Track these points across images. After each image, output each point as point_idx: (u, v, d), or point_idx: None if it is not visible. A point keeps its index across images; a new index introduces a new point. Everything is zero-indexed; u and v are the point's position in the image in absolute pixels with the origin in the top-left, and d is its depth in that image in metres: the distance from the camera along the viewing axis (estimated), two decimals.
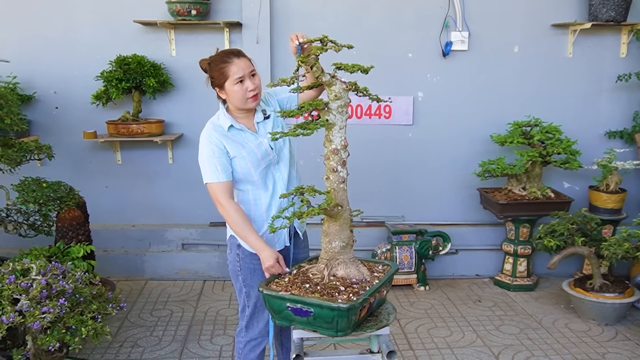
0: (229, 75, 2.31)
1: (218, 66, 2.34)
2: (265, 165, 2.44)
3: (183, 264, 4.62)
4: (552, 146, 4.20)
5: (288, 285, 2.14)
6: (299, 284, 2.13)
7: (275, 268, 2.28)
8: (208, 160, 2.37)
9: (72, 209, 3.52)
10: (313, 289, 2.08)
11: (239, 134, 2.41)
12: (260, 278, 2.45)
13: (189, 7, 4.17)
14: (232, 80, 2.31)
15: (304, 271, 2.27)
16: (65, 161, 4.54)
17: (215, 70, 2.35)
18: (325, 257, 2.22)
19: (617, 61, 4.63)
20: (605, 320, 3.82)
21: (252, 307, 2.56)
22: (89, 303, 2.68)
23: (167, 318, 3.92)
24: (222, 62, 2.33)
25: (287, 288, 2.11)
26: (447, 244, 4.40)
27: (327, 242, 2.21)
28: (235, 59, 2.32)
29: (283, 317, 2.08)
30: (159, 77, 4.28)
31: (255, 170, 2.41)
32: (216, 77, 2.35)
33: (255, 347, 2.61)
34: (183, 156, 4.65)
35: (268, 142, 2.43)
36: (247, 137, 2.42)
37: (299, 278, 2.19)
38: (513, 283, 4.44)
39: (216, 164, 2.36)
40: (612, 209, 4.31)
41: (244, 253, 2.51)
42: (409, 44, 4.54)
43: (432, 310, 4.08)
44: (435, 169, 4.73)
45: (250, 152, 2.40)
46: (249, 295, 2.55)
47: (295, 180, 2.57)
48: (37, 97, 4.48)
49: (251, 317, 2.58)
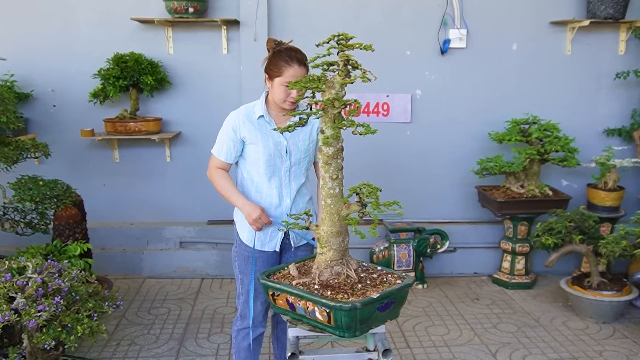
0: (282, 74, 2.40)
1: (279, 61, 2.41)
2: (275, 164, 2.51)
3: (181, 262, 4.62)
4: (550, 144, 4.20)
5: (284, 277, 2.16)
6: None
7: (263, 218, 2.45)
8: (222, 136, 2.55)
9: (69, 207, 3.52)
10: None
11: (266, 125, 2.51)
12: (252, 266, 2.56)
13: (186, 5, 4.16)
14: (282, 81, 2.40)
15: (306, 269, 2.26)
16: (63, 159, 4.53)
17: (274, 62, 2.43)
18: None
19: (615, 59, 4.62)
20: (603, 318, 3.82)
21: (245, 294, 2.64)
22: (85, 301, 2.68)
23: (165, 316, 3.92)
24: (283, 60, 2.40)
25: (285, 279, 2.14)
26: (445, 242, 4.40)
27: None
28: (297, 66, 2.40)
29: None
30: (157, 75, 4.27)
31: (264, 165, 2.50)
32: (272, 68, 2.44)
33: (248, 336, 2.66)
34: (181, 154, 4.64)
35: (286, 146, 2.51)
36: (271, 132, 2.50)
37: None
38: (511, 281, 4.44)
39: (225, 143, 2.53)
40: (610, 206, 4.30)
41: (240, 240, 2.63)
42: (407, 41, 4.53)
43: (429, 308, 4.08)
44: (433, 166, 4.72)
45: (266, 145, 2.49)
46: (243, 283, 2.65)
47: (306, 195, 2.65)
48: (34, 95, 4.47)
49: (244, 305, 2.65)
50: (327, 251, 2.10)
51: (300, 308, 2.00)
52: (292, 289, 2.01)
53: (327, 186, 2.07)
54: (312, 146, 2.60)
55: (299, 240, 2.65)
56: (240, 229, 2.63)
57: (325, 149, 2.04)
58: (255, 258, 2.57)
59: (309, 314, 1.98)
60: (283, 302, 2.06)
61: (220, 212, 4.56)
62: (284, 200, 2.57)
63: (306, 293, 1.96)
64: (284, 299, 2.05)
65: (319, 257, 2.13)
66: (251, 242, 2.57)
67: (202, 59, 4.48)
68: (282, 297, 2.05)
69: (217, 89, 4.52)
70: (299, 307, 2.00)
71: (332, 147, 2.04)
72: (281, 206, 2.57)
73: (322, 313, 1.92)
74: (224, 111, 2.70)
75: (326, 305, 1.89)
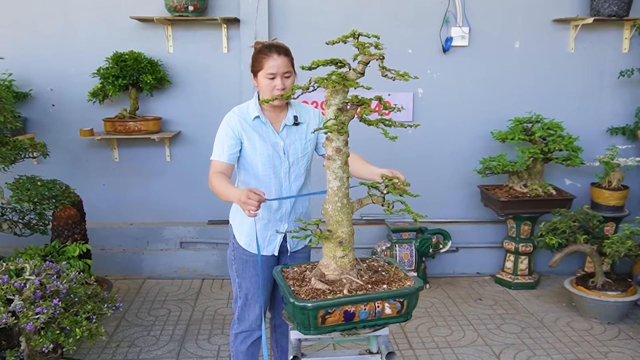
0: (263, 66, 2.37)
1: (259, 55, 2.40)
2: (274, 166, 2.45)
3: (181, 262, 4.58)
4: (554, 143, 4.16)
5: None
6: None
7: (252, 197, 2.12)
8: (220, 139, 2.45)
9: (68, 207, 3.48)
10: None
11: (262, 126, 2.46)
12: (252, 270, 2.53)
13: (186, 3, 4.12)
14: (265, 73, 2.37)
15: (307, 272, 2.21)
16: (62, 159, 4.50)
17: (255, 58, 2.42)
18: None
19: (619, 57, 4.57)
20: (607, 318, 3.78)
21: (243, 298, 2.59)
22: (84, 303, 2.64)
23: (165, 317, 3.88)
24: (262, 53, 2.39)
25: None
26: (448, 241, 4.36)
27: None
28: (276, 55, 2.37)
29: None
30: (156, 74, 4.24)
31: (262, 166, 2.44)
32: (254, 64, 2.42)
33: (246, 339, 2.62)
34: (181, 154, 4.60)
35: (283, 147, 2.47)
36: (267, 132, 2.46)
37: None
38: (514, 281, 4.40)
39: (225, 143, 2.43)
40: (615, 206, 4.26)
41: (237, 244, 2.57)
42: (408, 39, 4.48)
43: (432, 309, 4.05)
44: (435, 166, 4.68)
45: (264, 146, 2.43)
46: (241, 287, 2.59)
47: (306, 199, 2.60)
48: (33, 95, 4.44)
49: (242, 308, 2.61)
50: (349, 252, 2.07)
51: (364, 313, 1.90)
52: (355, 298, 1.89)
53: (343, 187, 2.03)
54: (309, 145, 2.54)
55: (296, 244, 2.60)
56: (237, 232, 2.58)
57: (343, 147, 2.01)
58: (253, 262, 2.53)
59: (375, 314, 1.92)
60: (338, 316, 1.88)
61: (220, 212, 4.52)
62: (283, 203, 2.52)
63: (374, 294, 1.93)
64: (341, 313, 1.88)
65: (341, 261, 2.04)
66: (249, 246, 2.53)
67: (202, 57, 4.44)
68: (339, 312, 1.87)
69: (217, 88, 4.48)
70: (363, 312, 1.90)
71: (334, 145, 2.00)
72: (280, 209, 2.52)
73: (393, 306, 1.93)
74: (224, 110, 2.65)
75: (401, 294, 1.93)
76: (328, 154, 2.03)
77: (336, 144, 2.04)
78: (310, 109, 2.61)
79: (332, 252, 2.07)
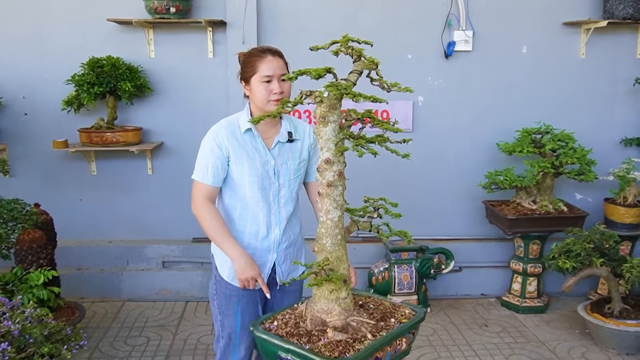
0: (257, 70, 2.15)
1: (251, 58, 2.19)
2: (263, 187, 2.19)
3: (163, 283, 4.26)
4: (566, 156, 3.85)
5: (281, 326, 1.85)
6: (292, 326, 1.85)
7: (251, 283, 2.14)
8: (204, 156, 2.20)
9: (32, 230, 3.15)
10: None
11: (253, 140, 2.21)
12: (236, 307, 2.26)
13: (167, 4, 3.82)
14: (259, 77, 2.15)
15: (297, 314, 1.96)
16: (36, 172, 4.21)
17: (246, 63, 2.20)
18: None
19: (634, 62, 4.29)
20: (626, 349, 3.46)
21: (226, 338, 2.31)
22: (40, 345, 2.32)
23: (143, 347, 3.55)
24: (255, 56, 2.18)
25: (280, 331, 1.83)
26: (450, 261, 4.04)
27: None
28: (270, 56, 2.16)
29: None
30: (136, 80, 3.93)
31: (250, 187, 2.18)
32: (245, 69, 2.20)
33: None
34: (163, 166, 4.29)
35: (274, 166, 2.20)
36: (257, 148, 2.21)
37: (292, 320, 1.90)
38: (522, 304, 4.08)
39: (208, 164, 2.18)
40: (631, 223, 3.96)
41: (220, 276, 2.29)
42: (408, 44, 4.19)
43: (434, 336, 3.72)
44: (437, 179, 4.37)
45: (252, 165, 2.17)
46: (223, 325, 2.31)
47: (296, 226, 2.36)
48: (4, 103, 4.11)
49: (225, 350, 2.32)
50: (352, 291, 1.96)
51: (388, 354, 1.78)
52: (382, 341, 1.75)
53: (343, 217, 1.87)
54: (303, 166, 2.29)
55: (286, 276, 2.31)
56: (220, 264, 2.30)
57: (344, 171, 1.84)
58: (239, 297, 2.25)
59: (395, 352, 1.81)
60: None
61: None
62: (272, 230, 2.25)
63: (396, 331, 1.80)
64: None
65: (345, 302, 1.85)
66: (233, 279, 2.24)
67: (186, 63, 4.14)
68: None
69: (203, 96, 4.17)
70: (388, 354, 1.78)
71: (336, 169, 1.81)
72: (269, 237, 2.25)
73: (408, 339, 1.86)
74: (210, 119, 2.40)
75: (411, 326, 1.86)
76: (328, 180, 1.79)
77: (338, 167, 1.81)
78: (305, 125, 2.35)
79: (335, 295, 1.83)
